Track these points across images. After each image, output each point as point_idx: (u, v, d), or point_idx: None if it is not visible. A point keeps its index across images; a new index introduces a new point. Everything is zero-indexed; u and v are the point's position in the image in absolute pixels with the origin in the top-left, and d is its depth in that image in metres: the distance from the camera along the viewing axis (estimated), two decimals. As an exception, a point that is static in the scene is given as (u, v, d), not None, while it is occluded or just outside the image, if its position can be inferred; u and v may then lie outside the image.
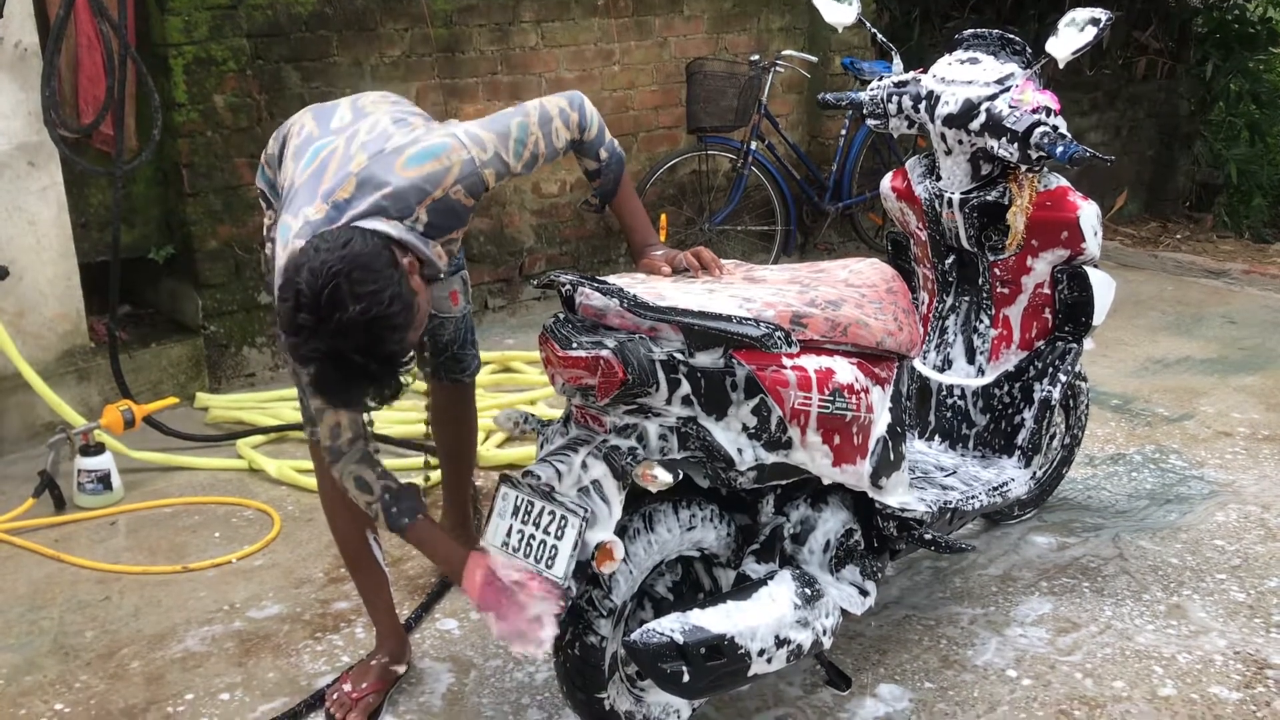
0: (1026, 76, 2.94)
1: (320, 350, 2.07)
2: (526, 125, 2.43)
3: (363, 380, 2.13)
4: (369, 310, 2.05)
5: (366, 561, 2.77)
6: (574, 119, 2.50)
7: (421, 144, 2.33)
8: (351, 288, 2.04)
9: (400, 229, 2.25)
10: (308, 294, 2.04)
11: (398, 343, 2.11)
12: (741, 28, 6.18)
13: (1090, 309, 3.15)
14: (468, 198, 2.35)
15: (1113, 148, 8.15)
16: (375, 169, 2.29)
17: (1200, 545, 3.47)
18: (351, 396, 2.17)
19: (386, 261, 2.12)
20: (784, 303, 2.40)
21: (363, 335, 2.06)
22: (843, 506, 2.66)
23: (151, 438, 4.16)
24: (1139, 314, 5.66)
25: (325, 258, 2.07)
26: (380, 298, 2.06)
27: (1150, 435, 4.25)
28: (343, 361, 2.07)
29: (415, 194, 2.28)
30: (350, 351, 2.06)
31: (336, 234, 2.14)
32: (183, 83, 4.40)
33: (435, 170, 2.30)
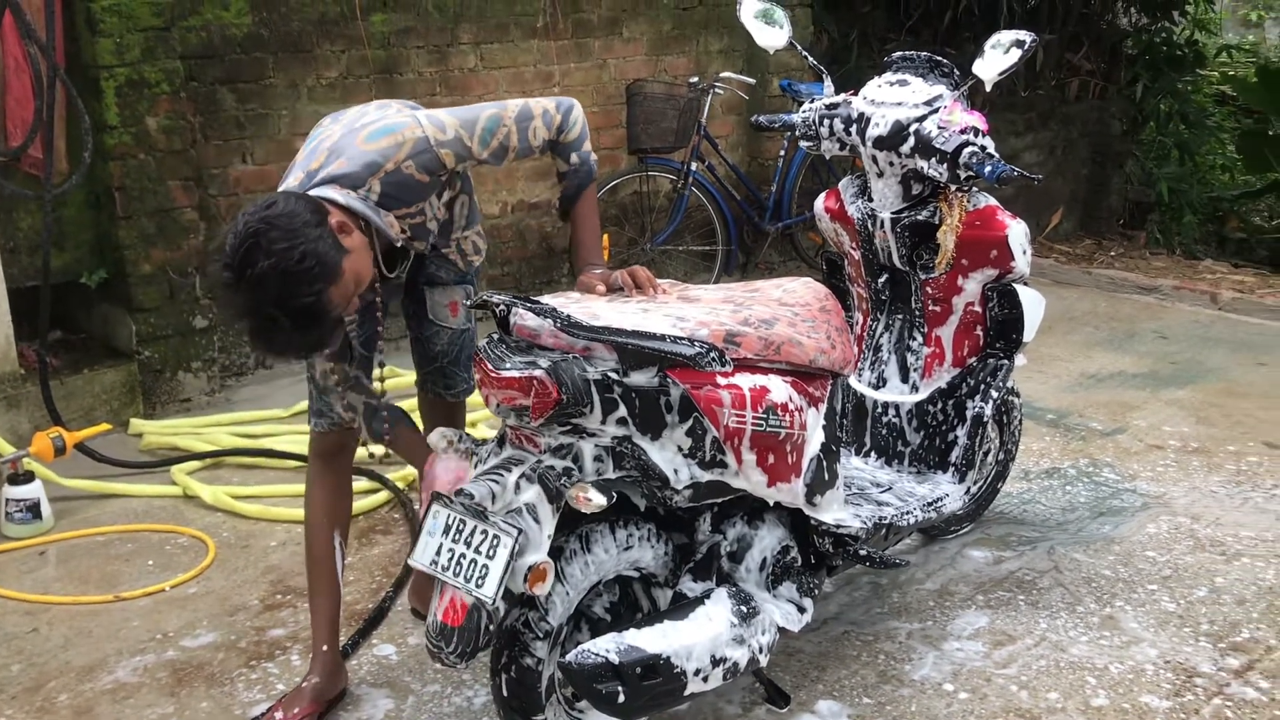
0: (954, 97, 3.00)
1: (240, 305, 2.24)
2: (499, 118, 2.53)
3: (284, 332, 2.25)
4: (278, 265, 2.19)
5: (326, 565, 2.81)
6: (556, 121, 2.60)
7: (382, 122, 2.47)
8: (266, 245, 2.19)
9: (350, 196, 2.39)
10: (228, 253, 2.22)
11: (312, 296, 2.22)
12: (680, 50, 6.22)
13: (1021, 326, 3.20)
14: (421, 173, 2.46)
15: (1047, 167, 8.29)
16: (342, 142, 2.45)
17: (1132, 557, 3.53)
18: (279, 348, 2.33)
19: (305, 221, 2.24)
20: (717, 322, 2.42)
21: (275, 289, 2.20)
22: (779, 524, 2.68)
23: (84, 465, 4.08)
24: (1073, 330, 5.76)
25: (247, 219, 2.24)
26: (291, 254, 2.19)
27: (1084, 449, 4.32)
28: (262, 315, 2.23)
29: (368, 167, 2.41)
30: (265, 304, 2.21)
31: (266, 199, 2.30)
32: (115, 105, 4.34)
33: (389, 145, 2.43)
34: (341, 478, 2.84)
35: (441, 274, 2.81)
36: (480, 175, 5.63)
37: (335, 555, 2.80)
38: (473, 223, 2.84)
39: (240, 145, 4.86)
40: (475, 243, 2.86)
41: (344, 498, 2.86)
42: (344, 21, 5.01)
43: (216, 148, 4.79)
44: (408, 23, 5.22)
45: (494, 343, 2.32)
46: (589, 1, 5.81)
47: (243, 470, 4.21)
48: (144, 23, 4.37)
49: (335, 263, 2.26)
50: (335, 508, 2.82)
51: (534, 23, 5.62)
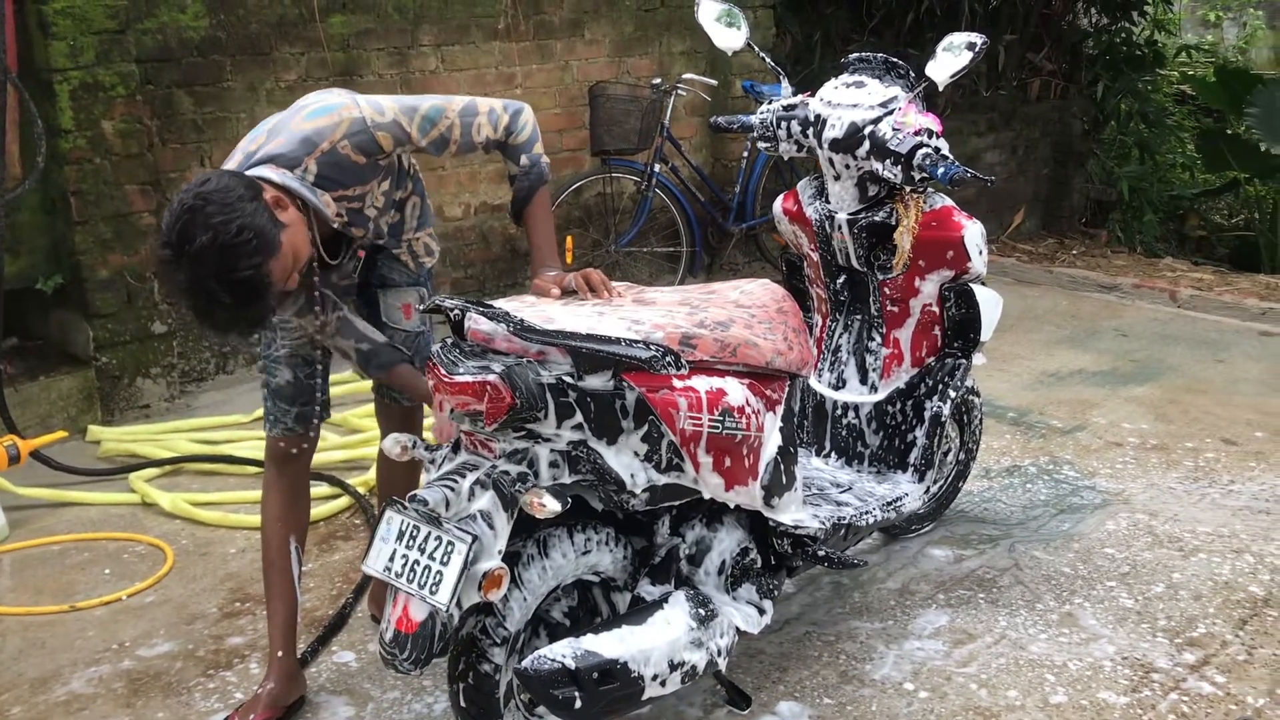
0: (909, 99, 3.01)
1: (181, 281, 2.24)
2: (443, 109, 2.54)
3: (225, 307, 2.25)
4: (216, 239, 2.19)
5: (282, 570, 2.80)
6: (503, 121, 2.61)
7: (320, 103, 2.48)
8: (202, 220, 2.20)
9: (285, 176, 2.39)
10: (165, 231, 2.23)
11: (251, 269, 2.23)
12: (643, 52, 6.22)
13: (978, 325, 3.21)
14: (358, 154, 2.46)
15: (1009, 166, 8.35)
16: (280, 122, 2.46)
17: (1091, 554, 3.56)
18: (222, 324, 2.33)
19: (239, 196, 2.24)
20: (673, 324, 2.41)
21: (214, 263, 2.20)
22: (738, 525, 2.68)
23: (40, 473, 4.03)
24: (1035, 328, 5.80)
25: (182, 197, 2.25)
26: (228, 227, 2.20)
27: (1044, 447, 4.35)
28: (201, 289, 2.23)
29: (304, 146, 2.41)
30: (205, 278, 2.22)
31: (200, 176, 2.30)
32: (69, 109, 4.29)
33: (325, 124, 2.43)
34: (298, 483, 2.83)
35: (394, 276, 2.80)
36: (443, 177, 5.62)
37: (291, 561, 2.78)
38: (424, 224, 2.83)
39: (198, 149, 4.81)
40: (427, 244, 2.85)
41: (300, 503, 2.84)
42: (303, 23, 4.98)
43: (174, 151, 4.74)
44: (367, 24, 5.19)
45: (447, 347, 2.31)
46: (551, 3, 5.80)
47: (202, 477, 4.18)
48: (98, 25, 4.32)
49: (273, 236, 2.27)
50: (291, 513, 2.80)
51: (495, 24, 5.61)
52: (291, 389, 2.74)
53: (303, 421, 2.77)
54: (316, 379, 2.76)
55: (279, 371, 2.74)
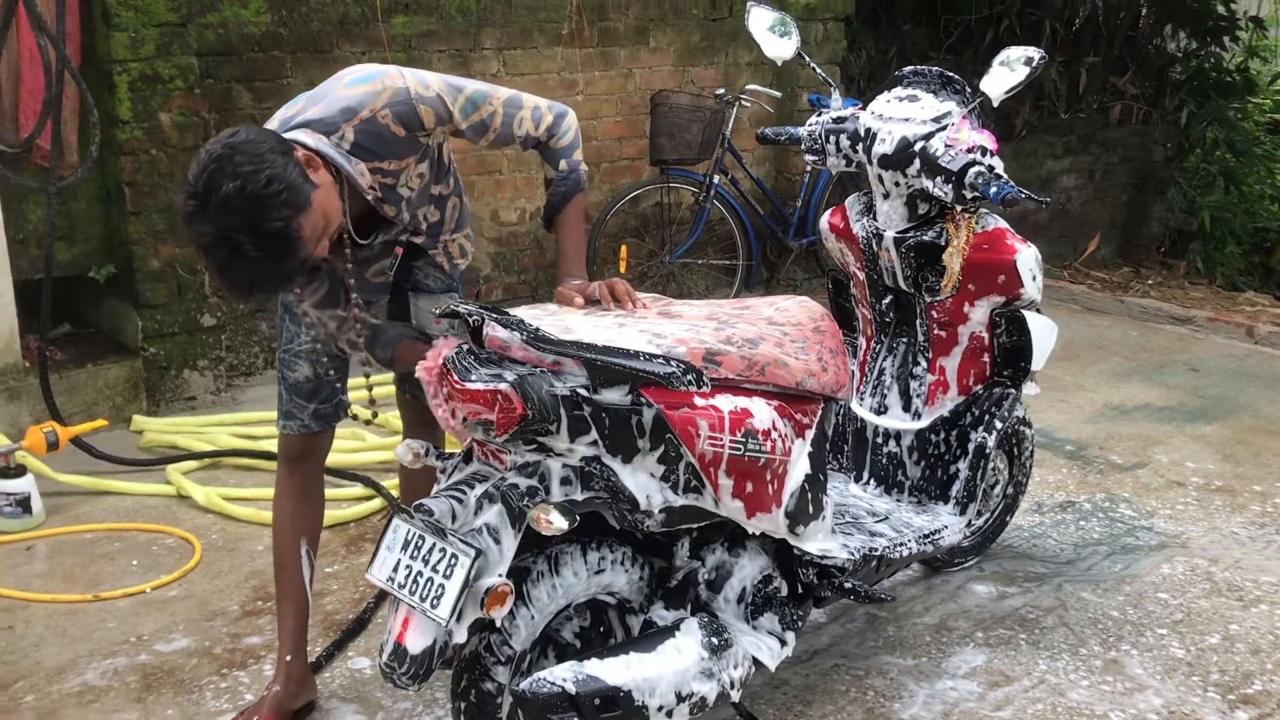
0: (963, 114, 2.88)
1: (208, 232, 2.12)
2: (487, 95, 2.47)
3: (250, 261, 2.14)
4: (245, 188, 2.10)
5: (293, 573, 2.75)
6: (546, 121, 2.54)
7: (364, 70, 2.39)
8: (230, 169, 2.10)
9: (321, 142, 2.31)
10: (191, 180, 2.12)
11: (280, 221, 2.13)
12: (709, 61, 6.14)
13: (1029, 354, 3.06)
14: (397, 125, 2.37)
15: (1085, 192, 8.13)
16: (321, 89, 2.38)
17: (1143, 598, 3.39)
18: (246, 280, 2.19)
19: (270, 148, 2.16)
20: (697, 339, 2.32)
21: (242, 213, 2.10)
22: (762, 552, 2.57)
23: (81, 460, 4.05)
24: (1101, 359, 5.60)
25: (211, 148, 2.15)
26: (257, 177, 2.10)
27: (1101, 483, 4.18)
28: (228, 241, 2.12)
29: (343, 113, 2.33)
30: (231, 229, 2.11)
31: (228, 131, 2.20)
32: (127, 100, 4.32)
33: (367, 92, 2.35)
34: (310, 483, 2.78)
35: (429, 281, 2.73)
36: (499, 182, 5.58)
37: (302, 563, 2.74)
38: (462, 225, 2.77)
39: (256, 144, 4.82)
40: (463, 245, 2.78)
41: (313, 505, 2.80)
42: (365, 23, 4.97)
43: (231, 146, 4.75)
44: (429, 25, 5.17)
45: (462, 353, 2.23)
46: (616, 10, 5.74)
47: (240, 472, 4.17)
48: (159, 18, 4.35)
49: (304, 191, 2.18)
50: (302, 514, 2.75)
51: (559, 29, 5.56)
52: (310, 385, 2.68)
53: (320, 419, 2.71)
54: (336, 377, 2.69)
55: (298, 366, 2.67)
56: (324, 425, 2.73)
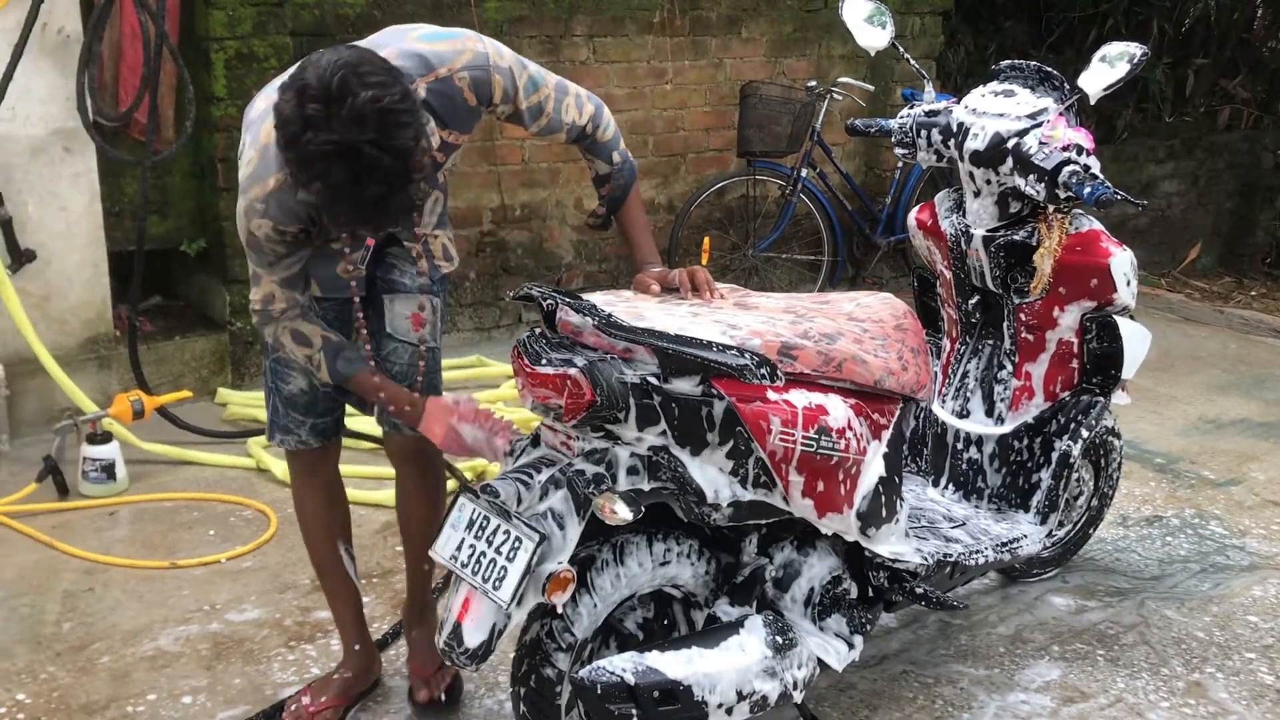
0: (1059, 111, 2.79)
1: (331, 142, 1.90)
2: (544, 77, 2.35)
3: (375, 180, 1.95)
4: (380, 98, 1.91)
5: (337, 573, 2.69)
6: (589, 110, 2.42)
7: (440, 29, 2.24)
8: (361, 77, 1.91)
9: None
10: (315, 85, 1.90)
11: (412, 139, 1.96)
12: (801, 53, 6.06)
13: (1120, 361, 2.96)
14: (470, 92, 2.23)
15: (1188, 198, 7.87)
16: (386, 38, 2.20)
17: (1231, 620, 3.26)
18: (370, 201, 1.98)
19: (390, 66, 1.99)
20: (773, 332, 2.27)
21: (375, 123, 1.90)
22: (832, 552, 2.52)
23: (165, 430, 4.14)
24: (1197, 370, 5.41)
25: (329, 56, 1.95)
26: (391, 90, 1.93)
27: (1192, 499, 4.03)
28: (355, 155, 1.91)
29: (418, 64, 2.15)
30: (363, 142, 1.90)
31: (335, 47, 2.01)
32: (223, 77, 4.40)
33: (446, 49, 2.19)
34: (332, 486, 2.67)
35: (405, 280, 2.43)
36: (583, 169, 5.56)
37: (344, 564, 2.68)
38: (444, 224, 2.50)
39: (346, 125, 4.87)
40: (446, 246, 2.50)
41: (338, 504, 2.69)
42: (458, 6, 4.99)
43: (323, 126, 4.81)
44: (522, 11, 5.17)
45: (534, 337, 2.22)
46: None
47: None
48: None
49: (424, 118, 2.03)
50: (330, 519, 2.66)
51: (650, 18, 5.53)
52: (306, 398, 2.48)
53: (318, 435, 2.54)
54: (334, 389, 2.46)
55: (291, 378, 2.46)
56: (323, 441, 2.57)
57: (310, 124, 1.90)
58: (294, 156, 1.95)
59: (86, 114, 3.99)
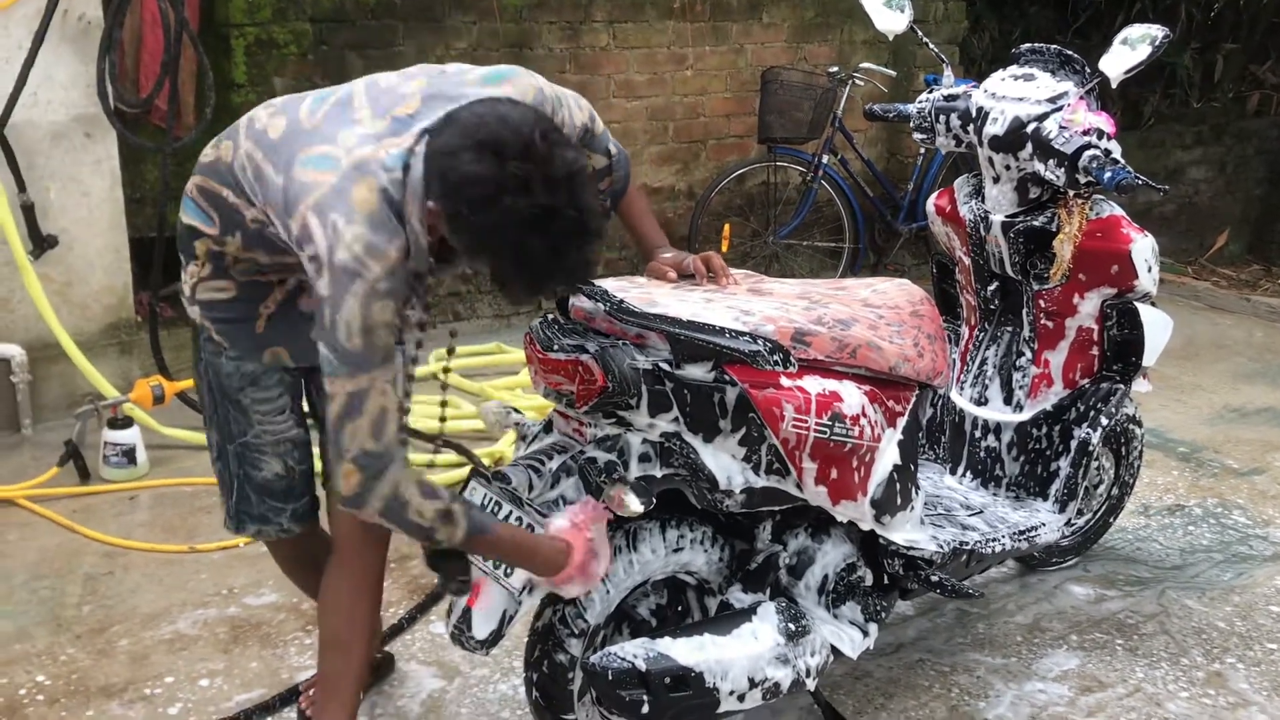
0: (1080, 95, 2.75)
1: (538, 206, 1.76)
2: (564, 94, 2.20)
3: (574, 244, 1.82)
4: (577, 159, 1.82)
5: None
6: (585, 106, 2.26)
7: (492, 68, 2.05)
8: (556, 136, 1.82)
9: None
10: (514, 144, 1.76)
11: (602, 204, 1.91)
12: (823, 38, 6.02)
13: (1141, 349, 2.93)
14: None
15: (1215, 184, 7.79)
16: (442, 85, 1.96)
17: (1253, 610, 3.23)
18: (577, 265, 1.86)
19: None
20: (786, 318, 2.26)
21: (577, 185, 1.81)
22: (846, 539, 2.50)
23: (186, 415, 4.16)
24: (1222, 359, 5.35)
25: (505, 110, 1.80)
26: (580, 151, 1.84)
27: (1215, 488, 3.99)
28: (557, 219, 1.78)
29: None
30: (566, 205, 1.79)
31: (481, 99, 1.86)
32: (243, 63, 4.41)
33: (511, 92, 2.00)
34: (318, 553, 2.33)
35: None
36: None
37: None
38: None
39: (366, 111, 4.88)
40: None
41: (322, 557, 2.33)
42: (478, -6, 4.99)
43: (342, 112, 4.82)
44: (541, -3, 5.17)
45: (547, 323, 2.22)
46: (730, -16, 5.67)
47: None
48: (277, -16, 4.43)
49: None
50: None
51: (671, 3, 5.50)
52: (284, 483, 2.24)
53: (299, 520, 2.30)
54: (306, 467, 2.28)
55: (264, 463, 2.21)
56: (304, 525, 2.33)
57: (511, 187, 1.76)
58: (484, 223, 1.78)
59: (107, 100, 4.01)
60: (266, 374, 2.15)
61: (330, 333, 1.82)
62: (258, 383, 2.15)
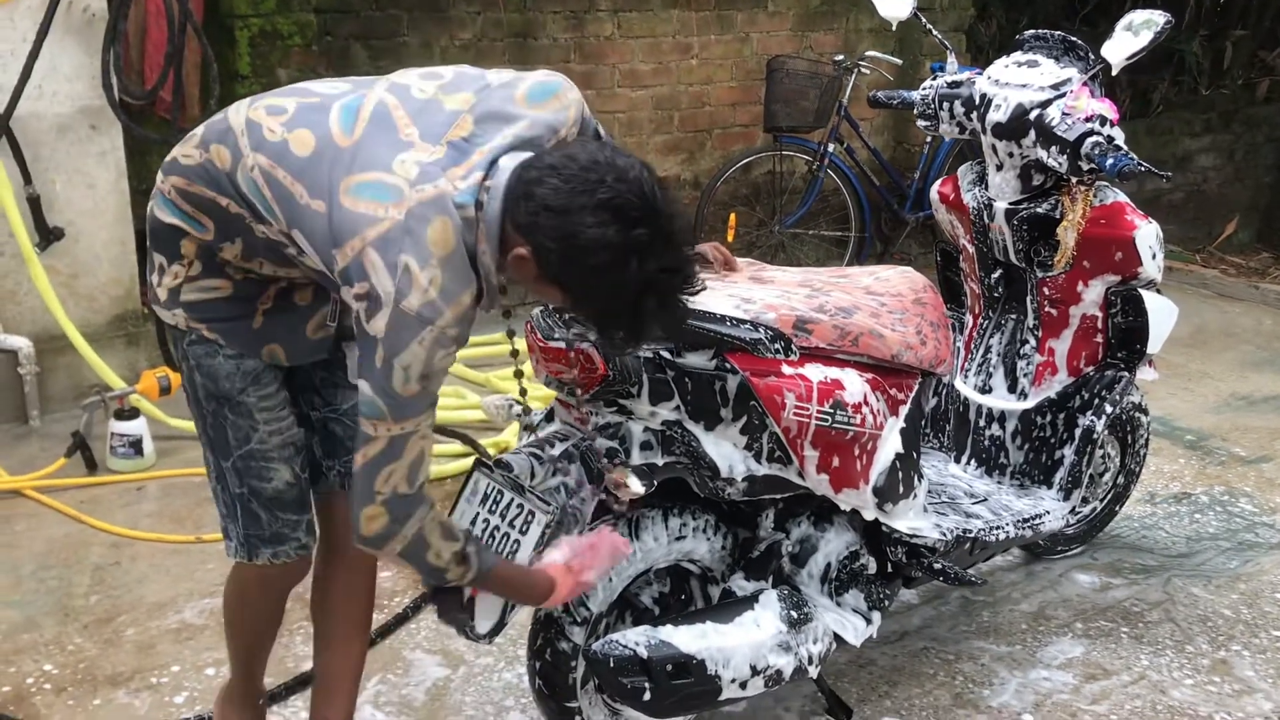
0: (1083, 81, 2.74)
1: (662, 269, 1.72)
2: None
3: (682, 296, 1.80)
4: (683, 213, 1.79)
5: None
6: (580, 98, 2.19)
7: (535, 79, 1.93)
8: (666, 192, 1.75)
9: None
10: (639, 205, 1.69)
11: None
12: (828, 26, 6.00)
13: (1145, 336, 2.92)
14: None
15: (1224, 172, 7.75)
16: (492, 103, 1.84)
17: (1259, 598, 3.22)
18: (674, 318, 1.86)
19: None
20: (788, 306, 2.26)
21: (687, 239, 1.79)
22: (849, 527, 2.50)
23: (193, 406, 4.17)
24: (1230, 347, 5.33)
25: (617, 161, 1.71)
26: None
27: (1221, 476, 3.98)
28: (676, 277, 1.76)
29: (548, 132, 1.87)
30: (682, 263, 1.77)
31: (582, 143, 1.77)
32: (247, 55, 4.42)
33: (559, 109, 1.90)
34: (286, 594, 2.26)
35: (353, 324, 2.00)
36: (610, 145, 5.54)
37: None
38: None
39: (371, 102, 4.88)
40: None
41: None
42: (483, -18, 4.98)
43: (347, 103, 4.82)
44: (546, -15, 5.16)
45: (547, 312, 2.22)
46: (735, -28, 5.66)
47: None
48: (281, -26, 4.43)
49: None
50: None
51: (676, -8, 5.50)
52: (294, 491, 2.07)
53: (311, 532, 2.14)
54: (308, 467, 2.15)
55: (273, 472, 2.03)
56: (315, 539, 2.19)
57: (639, 252, 1.69)
58: (602, 285, 1.72)
59: (112, 92, 4.01)
60: (266, 371, 2.01)
61: (382, 375, 1.73)
62: (260, 380, 1.99)
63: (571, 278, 1.73)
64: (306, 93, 1.92)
